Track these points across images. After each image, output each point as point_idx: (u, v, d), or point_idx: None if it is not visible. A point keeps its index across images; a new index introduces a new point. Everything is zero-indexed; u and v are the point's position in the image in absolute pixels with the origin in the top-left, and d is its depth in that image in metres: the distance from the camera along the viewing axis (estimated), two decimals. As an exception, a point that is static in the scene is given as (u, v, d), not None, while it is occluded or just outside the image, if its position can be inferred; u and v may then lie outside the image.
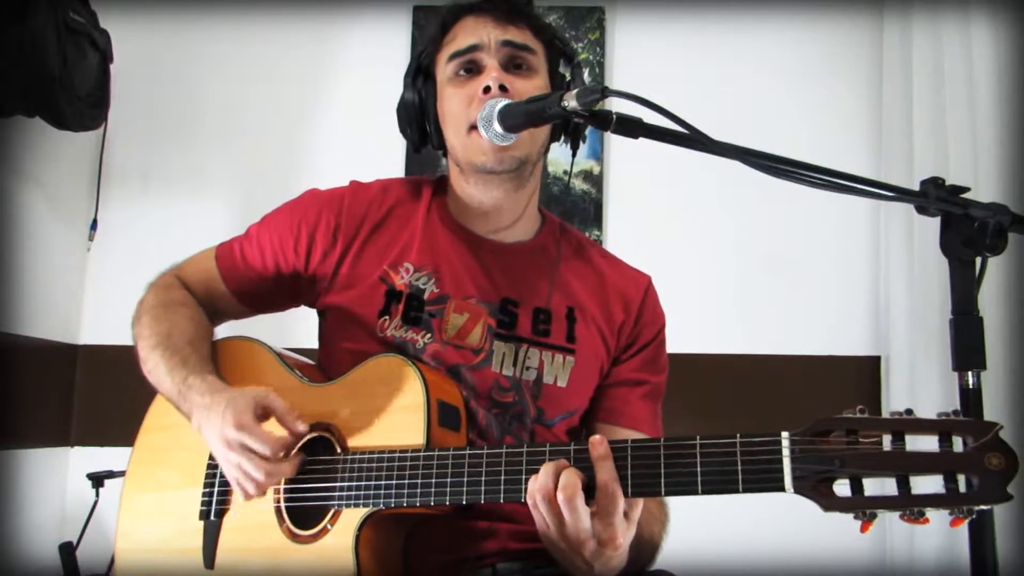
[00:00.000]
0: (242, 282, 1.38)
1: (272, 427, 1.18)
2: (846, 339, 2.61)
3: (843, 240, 2.66)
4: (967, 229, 0.97)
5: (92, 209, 2.70)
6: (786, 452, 0.92)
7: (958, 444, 0.88)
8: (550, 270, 1.35)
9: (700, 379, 2.50)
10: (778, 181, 1.03)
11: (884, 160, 2.60)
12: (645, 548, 1.19)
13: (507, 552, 1.23)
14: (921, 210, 1.02)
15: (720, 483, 0.95)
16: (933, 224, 1.01)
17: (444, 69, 1.30)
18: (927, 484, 0.88)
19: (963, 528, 0.90)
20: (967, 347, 0.96)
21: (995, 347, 2.26)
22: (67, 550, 2.15)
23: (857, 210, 2.63)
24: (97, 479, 2.25)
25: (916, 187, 1.02)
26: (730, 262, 2.66)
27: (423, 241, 1.32)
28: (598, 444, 1.00)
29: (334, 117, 2.76)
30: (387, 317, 1.27)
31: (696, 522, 1.57)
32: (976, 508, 0.85)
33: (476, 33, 1.28)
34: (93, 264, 2.71)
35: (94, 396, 2.64)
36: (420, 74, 1.34)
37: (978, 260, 0.98)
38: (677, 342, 1.43)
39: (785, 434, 0.93)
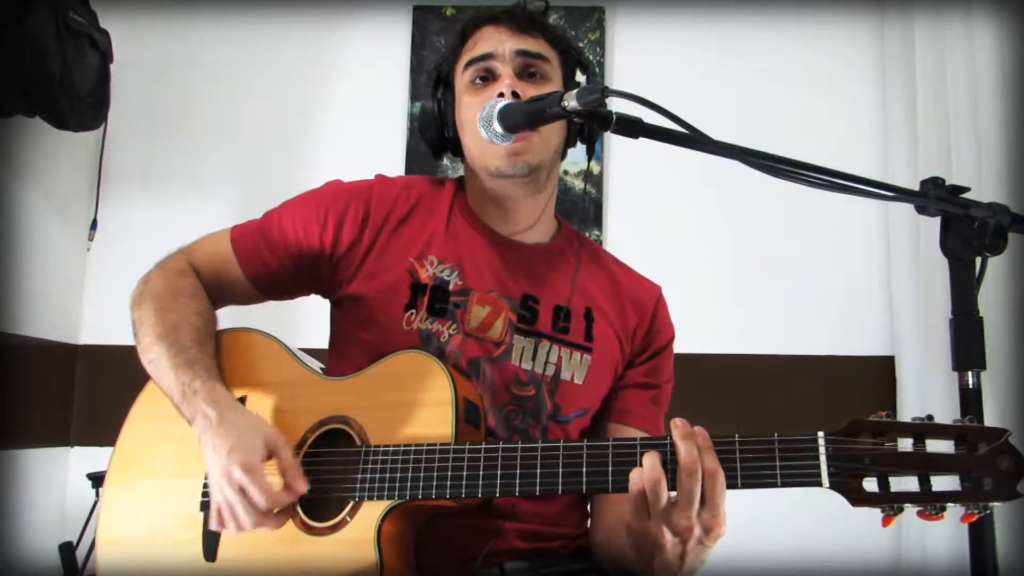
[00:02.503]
0: (260, 267, 1.35)
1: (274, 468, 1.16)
2: (853, 339, 2.59)
3: (850, 240, 2.65)
4: (967, 229, 0.98)
5: (92, 209, 2.70)
6: (822, 450, 0.99)
7: (971, 448, 0.96)
8: (569, 271, 1.37)
9: (700, 379, 2.49)
10: (779, 181, 1.04)
11: (888, 161, 2.59)
12: None
13: (514, 551, 1.24)
14: (921, 210, 1.02)
15: (759, 478, 1.01)
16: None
17: (461, 77, 1.34)
18: (942, 484, 0.96)
19: (968, 528, 0.96)
20: (967, 347, 0.97)
21: (995, 347, 2.26)
22: (67, 550, 2.15)
23: (864, 210, 2.62)
24: (97, 479, 2.24)
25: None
26: (731, 262, 2.65)
27: (447, 235, 1.34)
28: (700, 433, 1.02)
29: (334, 117, 2.76)
30: (413, 311, 1.28)
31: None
32: (990, 504, 0.94)
33: (492, 42, 1.32)
34: (93, 264, 2.71)
35: (94, 396, 2.64)
36: (440, 83, 1.38)
37: (978, 260, 0.98)
38: (678, 342, 1.44)
39: (821, 433, 1.00)
